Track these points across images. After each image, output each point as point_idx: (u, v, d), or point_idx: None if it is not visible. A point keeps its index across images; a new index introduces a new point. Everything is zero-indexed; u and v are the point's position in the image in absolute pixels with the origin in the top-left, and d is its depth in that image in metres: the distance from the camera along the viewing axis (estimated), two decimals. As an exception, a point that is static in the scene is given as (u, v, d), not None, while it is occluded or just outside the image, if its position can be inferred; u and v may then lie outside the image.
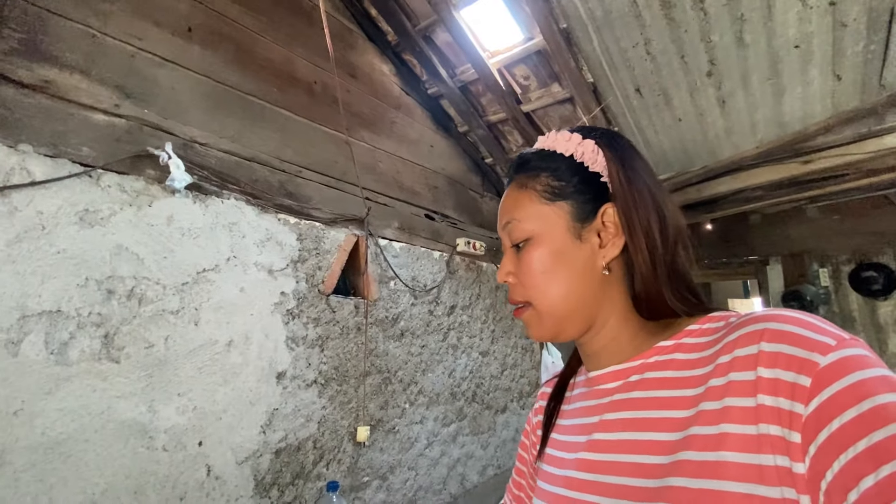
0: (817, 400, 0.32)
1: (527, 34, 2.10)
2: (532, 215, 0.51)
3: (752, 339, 0.38)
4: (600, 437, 0.48)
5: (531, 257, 0.50)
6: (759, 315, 0.40)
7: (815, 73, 1.84)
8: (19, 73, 1.17)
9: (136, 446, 1.26)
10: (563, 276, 0.49)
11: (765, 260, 3.85)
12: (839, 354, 0.34)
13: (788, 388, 0.34)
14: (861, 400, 0.31)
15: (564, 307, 0.49)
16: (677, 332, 0.47)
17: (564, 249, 0.49)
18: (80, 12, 1.29)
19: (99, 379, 1.21)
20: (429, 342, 2.28)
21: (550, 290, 0.49)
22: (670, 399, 0.43)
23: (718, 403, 0.38)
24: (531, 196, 0.52)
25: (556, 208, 0.50)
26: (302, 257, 1.75)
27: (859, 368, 0.32)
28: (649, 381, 0.46)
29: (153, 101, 1.42)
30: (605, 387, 0.51)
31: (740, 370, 0.37)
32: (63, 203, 1.19)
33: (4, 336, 1.07)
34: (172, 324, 1.36)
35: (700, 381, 0.41)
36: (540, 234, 0.50)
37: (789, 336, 0.36)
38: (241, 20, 1.70)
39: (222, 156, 1.57)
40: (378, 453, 1.95)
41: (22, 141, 1.15)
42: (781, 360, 0.35)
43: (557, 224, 0.50)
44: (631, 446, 0.44)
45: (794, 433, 0.33)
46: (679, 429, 0.40)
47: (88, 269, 1.22)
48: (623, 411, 0.47)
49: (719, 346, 0.41)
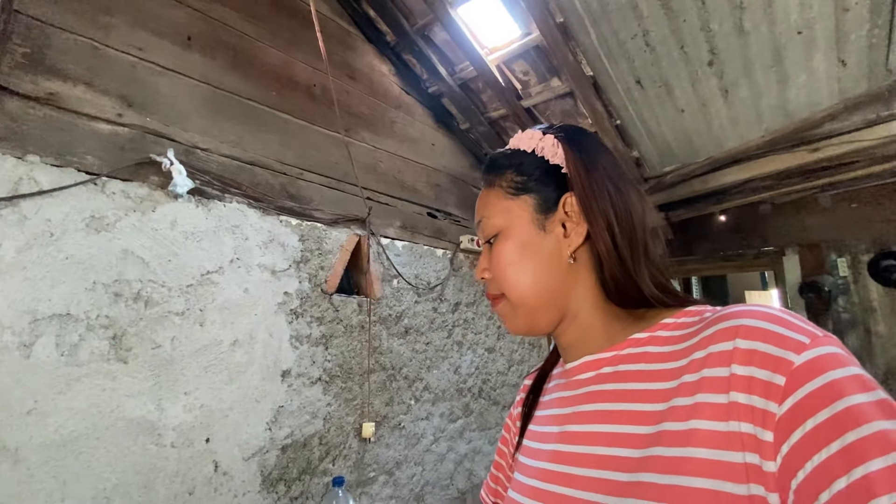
0: (791, 399, 0.32)
1: (524, 29, 2.09)
2: (499, 211, 0.53)
3: (728, 336, 0.38)
4: (573, 429, 0.48)
5: (500, 250, 0.52)
6: (734, 311, 0.40)
7: (819, 60, 1.79)
8: (25, 87, 1.22)
9: (146, 443, 1.30)
10: (530, 266, 0.51)
11: (781, 251, 3.77)
12: (813, 353, 0.34)
13: (763, 386, 0.34)
14: (834, 400, 0.31)
15: (534, 296, 0.51)
16: (652, 324, 0.47)
17: (529, 241, 0.51)
18: (82, 25, 1.34)
19: (108, 379, 1.26)
20: (433, 339, 2.30)
21: (519, 281, 0.51)
22: (643, 392, 0.43)
23: (690, 399, 0.38)
24: (498, 193, 0.54)
25: (520, 202, 0.52)
26: (304, 258, 1.78)
27: (833, 368, 0.33)
28: (623, 374, 0.46)
29: (155, 109, 1.47)
30: (579, 377, 0.51)
31: (714, 366, 0.38)
32: (70, 210, 1.24)
33: (17, 339, 1.12)
34: (178, 325, 1.41)
35: (674, 375, 0.41)
36: (506, 228, 0.52)
37: (764, 333, 0.36)
38: (239, 27, 1.74)
39: (224, 160, 1.61)
40: (384, 449, 1.98)
41: (29, 152, 1.20)
42: (756, 357, 0.35)
43: (521, 217, 0.52)
44: (603, 438, 0.44)
45: (767, 432, 0.33)
46: (651, 422, 0.41)
47: (96, 273, 1.26)
48: (596, 403, 0.47)
49: (694, 341, 0.41)
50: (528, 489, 0.51)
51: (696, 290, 6.00)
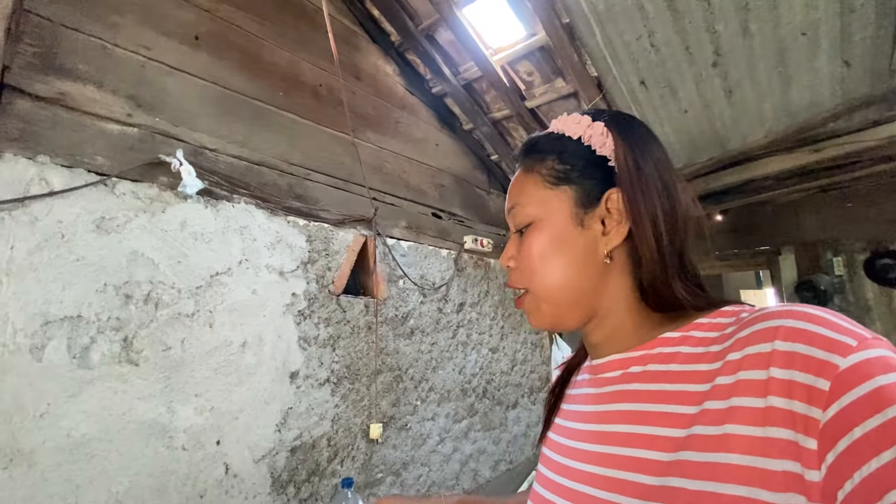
0: (837, 405, 0.30)
1: (529, 30, 2.10)
2: (535, 200, 0.50)
3: (766, 337, 0.36)
4: (599, 429, 0.48)
5: (531, 242, 0.50)
6: (774, 311, 0.37)
7: (823, 61, 1.81)
8: (35, 87, 1.21)
9: (157, 446, 1.29)
10: (562, 262, 0.48)
11: (777, 250, 3.81)
12: (861, 356, 0.31)
13: (804, 390, 0.32)
14: (885, 407, 0.29)
15: (561, 295, 0.49)
16: (685, 324, 0.45)
17: (565, 236, 0.48)
18: (91, 25, 1.33)
19: (119, 381, 1.25)
20: (438, 339, 2.30)
21: (548, 277, 0.49)
22: (674, 393, 0.42)
23: (724, 403, 0.37)
24: (535, 180, 0.51)
25: (560, 193, 0.49)
26: (312, 258, 1.78)
27: (883, 372, 0.30)
28: (652, 374, 0.45)
29: (164, 109, 1.46)
30: (606, 376, 0.50)
31: (750, 369, 0.36)
32: (81, 211, 1.23)
33: (29, 341, 1.11)
34: (188, 326, 1.40)
35: (707, 378, 0.39)
36: (541, 220, 0.50)
37: (807, 335, 0.34)
38: (246, 26, 1.73)
39: (232, 161, 1.61)
40: (391, 450, 1.97)
41: (40, 153, 1.19)
42: (797, 360, 0.33)
43: (559, 209, 0.49)
44: (631, 440, 0.43)
45: (810, 439, 0.31)
46: (682, 425, 0.39)
47: (106, 274, 1.25)
48: (624, 403, 0.46)
49: (730, 343, 0.39)
50: (552, 485, 0.50)
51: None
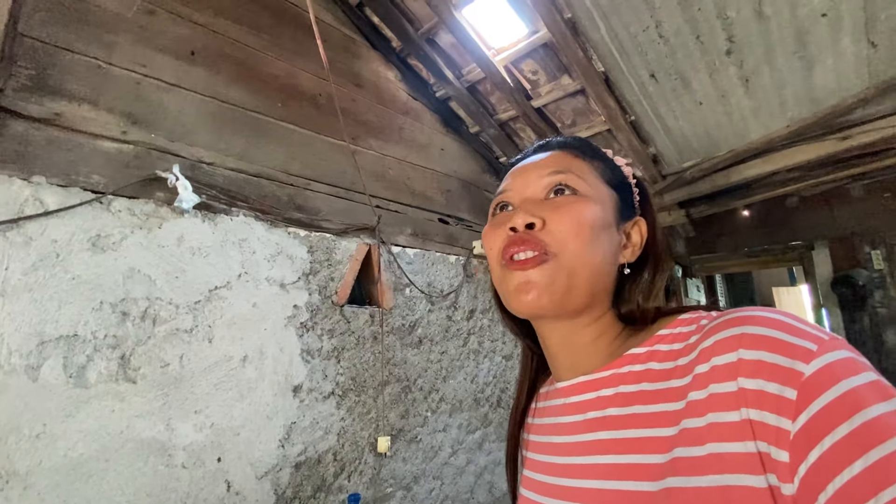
0: (805, 415, 0.30)
1: (531, 28, 2.04)
2: (591, 183, 0.50)
3: (730, 346, 0.35)
4: (578, 461, 0.45)
5: (583, 208, 0.47)
6: (732, 318, 0.37)
7: (846, 42, 1.69)
8: (30, 109, 1.22)
9: (156, 464, 1.28)
10: (602, 246, 0.47)
11: (810, 244, 3.62)
12: (823, 361, 0.31)
13: (773, 401, 0.32)
14: (852, 413, 0.29)
15: (589, 271, 0.46)
16: (647, 337, 0.45)
17: (609, 227, 0.49)
18: (86, 45, 1.34)
19: (117, 400, 1.24)
20: (448, 348, 2.24)
21: (586, 248, 0.46)
22: (650, 415, 0.40)
23: (702, 420, 0.35)
24: (590, 169, 0.51)
25: (610, 193, 0.51)
26: (314, 269, 1.75)
27: (846, 375, 0.31)
28: (626, 396, 0.43)
29: (160, 125, 1.46)
30: (576, 400, 0.48)
31: (720, 381, 0.35)
32: (76, 230, 1.23)
33: (24, 361, 1.11)
34: (187, 342, 1.39)
35: (679, 395, 0.38)
36: (595, 201, 0.49)
37: (768, 341, 0.34)
38: (243, 39, 1.73)
39: (229, 174, 1.60)
40: (401, 463, 1.92)
41: (35, 173, 1.20)
42: (764, 369, 0.33)
43: (609, 205, 0.50)
44: (613, 471, 0.41)
45: (782, 451, 0.31)
46: (663, 450, 0.37)
47: (103, 292, 1.25)
48: (601, 431, 0.44)
49: (695, 354, 0.38)
50: None
51: (721, 289, 5.81)
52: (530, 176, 0.51)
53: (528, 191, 0.50)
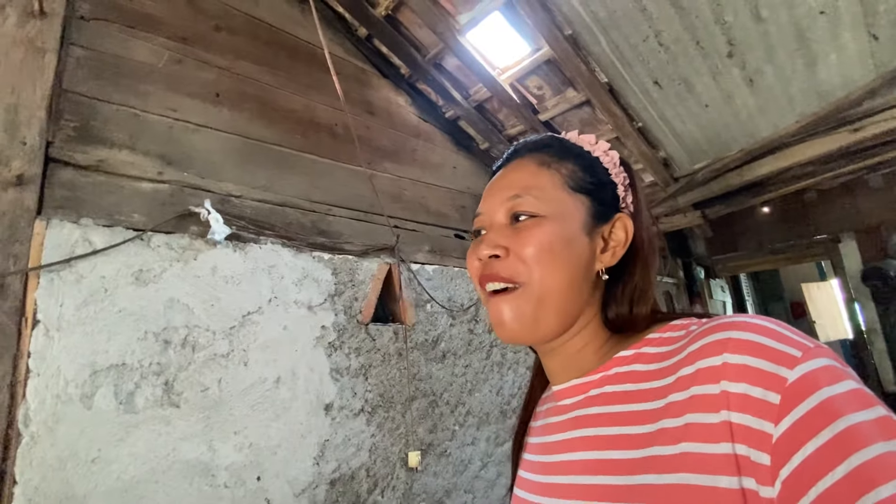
0: (788, 419, 0.31)
1: (533, 46, 2.11)
2: (552, 197, 0.49)
3: (715, 350, 0.36)
4: (560, 458, 0.47)
5: (540, 233, 0.47)
6: (721, 323, 0.38)
7: (847, 37, 1.71)
8: (77, 157, 1.33)
9: (201, 484, 1.34)
10: (567, 263, 0.47)
11: (835, 238, 3.55)
12: (807, 367, 0.32)
13: (756, 404, 0.33)
14: (834, 419, 0.30)
15: (557, 295, 0.46)
16: (636, 341, 0.45)
17: (574, 240, 0.48)
18: (123, 96, 1.46)
19: (163, 423, 1.31)
20: (472, 361, 2.27)
21: (552, 273, 0.46)
22: (629, 414, 0.41)
23: (679, 420, 0.36)
24: (554, 178, 0.50)
25: (577, 200, 0.49)
26: (338, 290, 1.82)
27: (829, 383, 0.31)
28: (609, 395, 0.45)
29: (191, 164, 1.57)
30: (566, 402, 0.50)
31: (703, 383, 0.36)
32: (121, 266, 1.33)
33: (80, 391, 1.19)
34: (224, 366, 1.46)
35: (661, 394, 0.39)
36: (553, 217, 0.48)
37: (754, 346, 0.34)
38: (262, 78, 1.84)
39: (256, 205, 1.69)
40: (432, 478, 1.95)
41: (83, 215, 1.31)
42: (748, 373, 0.34)
43: (575, 216, 0.49)
44: (590, 466, 0.43)
45: (763, 454, 0.31)
46: (640, 446, 0.39)
47: (146, 323, 1.34)
48: (582, 429, 0.46)
49: (681, 357, 0.39)
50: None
51: (746, 288, 5.69)
52: (496, 199, 0.51)
53: (496, 215, 0.51)
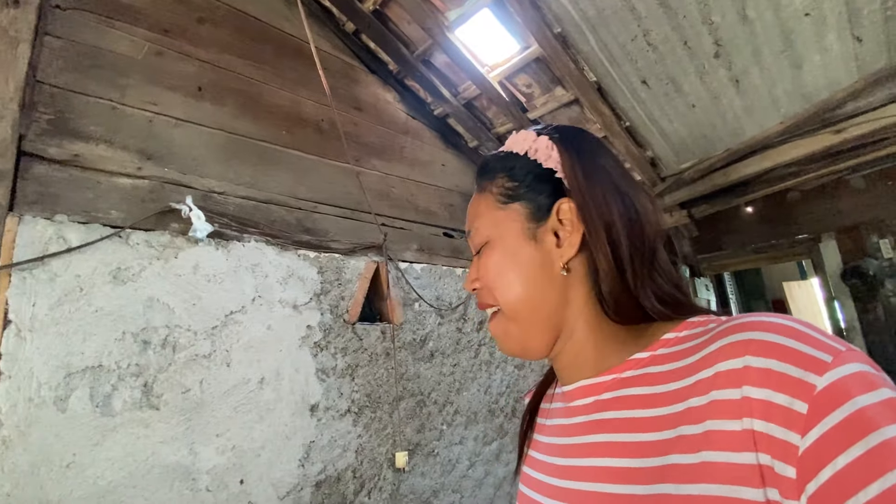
0: (817, 431, 0.29)
1: (523, 44, 2.10)
2: (489, 222, 0.51)
3: (737, 352, 0.34)
4: (573, 463, 0.45)
5: (486, 261, 0.50)
6: (742, 322, 0.36)
7: (832, 39, 1.73)
8: (51, 151, 1.28)
9: (182, 489, 1.31)
10: (518, 277, 0.47)
11: (816, 237, 3.61)
12: (838, 374, 0.30)
13: (782, 413, 0.30)
14: (867, 433, 0.27)
15: (525, 309, 0.47)
16: (652, 341, 0.43)
17: (518, 251, 0.48)
18: (100, 88, 1.41)
19: (142, 427, 1.27)
20: (460, 360, 2.26)
21: (507, 292, 0.48)
22: (646, 420, 0.39)
23: (699, 427, 0.34)
24: (488, 201, 0.52)
25: (510, 212, 0.49)
26: (324, 289, 1.79)
27: (862, 392, 0.29)
28: (624, 399, 0.42)
29: (172, 160, 1.52)
30: (578, 404, 0.48)
31: (723, 387, 0.34)
32: (97, 264, 1.28)
33: (53, 393, 1.15)
34: (206, 367, 1.42)
35: (679, 398, 0.37)
36: (494, 239, 0.50)
37: (779, 349, 0.32)
38: (247, 73, 1.80)
39: (240, 202, 1.65)
40: (419, 478, 1.93)
41: (58, 212, 1.26)
42: (773, 379, 0.31)
43: (511, 228, 0.49)
44: (605, 474, 0.40)
45: (789, 467, 0.29)
46: (657, 454, 0.37)
47: (124, 323, 1.30)
48: (597, 434, 0.43)
49: (698, 357, 0.37)
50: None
51: (730, 286, 5.77)
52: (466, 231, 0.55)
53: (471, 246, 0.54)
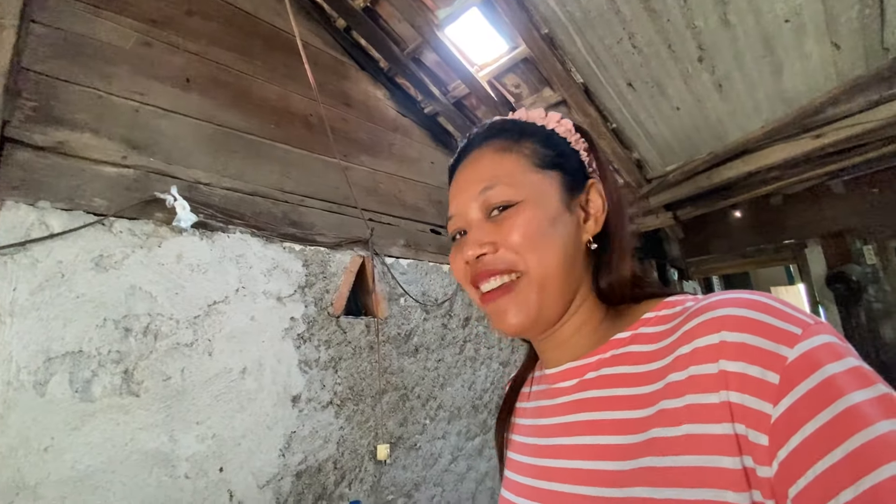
0: (787, 400, 0.30)
1: (511, 44, 2.13)
2: (523, 181, 0.47)
3: (712, 328, 0.35)
4: (557, 442, 0.46)
5: (524, 219, 0.45)
6: (717, 300, 0.37)
7: (811, 45, 1.77)
8: (35, 138, 1.29)
9: (160, 475, 1.32)
10: (559, 243, 0.46)
11: (802, 243, 3.67)
12: (807, 345, 0.31)
13: (755, 384, 0.32)
14: (834, 399, 0.29)
15: (558, 277, 0.46)
16: (633, 321, 0.45)
17: (558, 218, 0.47)
18: (86, 76, 1.42)
19: (121, 413, 1.28)
20: (445, 356, 2.28)
21: (547, 256, 0.45)
22: (628, 397, 0.40)
23: (679, 401, 0.36)
24: (519, 161, 0.48)
25: (548, 178, 0.48)
26: (309, 282, 1.81)
27: (829, 361, 0.31)
28: (605, 379, 0.44)
29: (158, 150, 1.53)
30: (562, 386, 0.48)
31: (701, 363, 0.35)
32: (80, 251, 1.29)
33: (32, 378, 1.16)
34: (187, 356, 1.43)
35: (659, 376, 0.39)
36: (529, 200, 0.46)
37: (752, 324, 0.34)
38: (235, 65, 1.81)
39: (226, 193, 1.67)
40: (401, 471, 1.95)
41: (41, 198, 1.27)
42: (747, 352, 0.33)
43: (550, 193, 0.47)
44: (589, 451, 0.42)
45: (762, 435, 0.31)
46: (638, 430, 0.38)
47: (106, 310, 1.31)
48: (580, 413, 0.45)
49: (677, 335, 0.38)
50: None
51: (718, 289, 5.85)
52: (465, 196, 0.49)
53: (470, 213, 0.49)
